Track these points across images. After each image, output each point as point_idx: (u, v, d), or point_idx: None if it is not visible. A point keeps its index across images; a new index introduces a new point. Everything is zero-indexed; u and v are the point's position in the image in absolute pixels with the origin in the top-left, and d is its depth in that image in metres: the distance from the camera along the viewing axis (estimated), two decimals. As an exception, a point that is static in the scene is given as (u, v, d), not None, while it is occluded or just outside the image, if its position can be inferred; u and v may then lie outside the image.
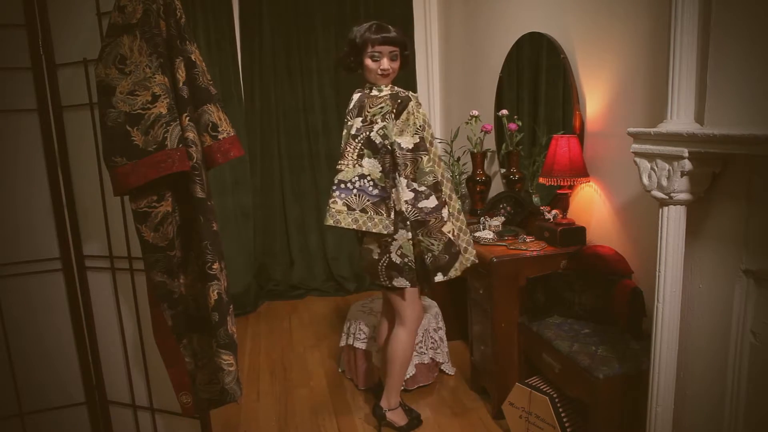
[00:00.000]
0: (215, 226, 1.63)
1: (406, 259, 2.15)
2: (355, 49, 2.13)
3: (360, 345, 2.72)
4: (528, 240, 2.56)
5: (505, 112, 2.98)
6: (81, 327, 1.98)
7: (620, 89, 2.22)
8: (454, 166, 3.35)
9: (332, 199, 2.08)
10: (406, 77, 4.23)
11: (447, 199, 2.15)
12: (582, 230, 2.44)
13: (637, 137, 1.60)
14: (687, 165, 1.44)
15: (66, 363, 2.00)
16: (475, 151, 3.20)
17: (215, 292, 1.62)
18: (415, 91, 4.30)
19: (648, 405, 1.64)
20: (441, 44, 4.29)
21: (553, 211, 2.52)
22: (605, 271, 2.14)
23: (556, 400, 2.05)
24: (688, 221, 1.55)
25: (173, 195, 1.65)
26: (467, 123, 3.20)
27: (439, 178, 2.12)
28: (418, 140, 2.07)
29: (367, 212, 2.08)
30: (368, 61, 2.11)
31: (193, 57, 1.62)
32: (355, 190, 2.07)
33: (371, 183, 2.07)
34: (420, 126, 2.09)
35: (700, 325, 1.58)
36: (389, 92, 2.11)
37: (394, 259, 2.15)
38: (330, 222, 2.09)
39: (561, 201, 2.51)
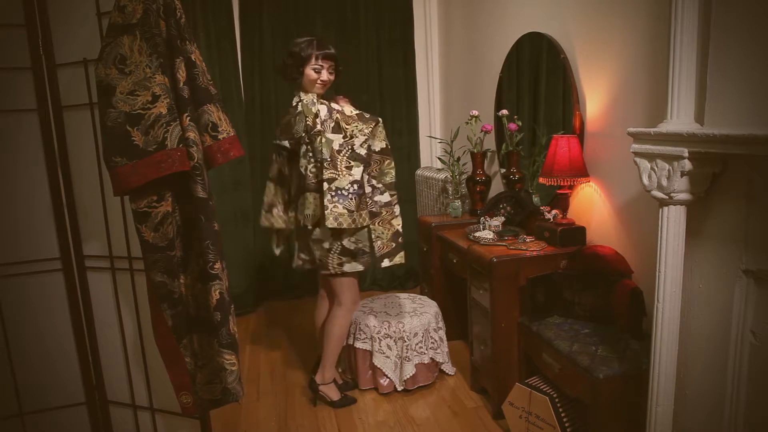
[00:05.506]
0: (216, 225, 1.64)
1: (360, 245, 2.43)
2: (299, 60, 2.41)
3: (360, 345, 2.72)
4: (528, 240, 2.56)
5: (505, 112, 2.98)
6: (81, 327, 1.98)
7: (620, 89, 2.23)
8: (454, 166, 3.35)
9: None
10: (406, 78, 4.24)
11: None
12: (582, 230, 2.44)
13: (637, 137, 1.60)
14: (687, 165, 1.45)
15: (66, 363, 2.00)
16: (475, 151, 3.20)
17: (217, 292, 1.62)
18: (415, 90, 4.32)
19: (648, 405, 1.64)
20: (441, 44, 4.28)
21: (553, 211, 2.52)
22: (605, 271, 2.14)
23: (556, 400, 2.05)
24: (688, 221, 1.55)
25: (173, 195, 1.65)
26: (467, 123, 3.20)
27: (395, 180, 2.48)
28: (384, 146, 2.45)
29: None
30: (310, 72, 2.42)
31: (193, 57, 1.62)
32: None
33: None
34: (385, 138, 2.46)
35: (700, 325, 1.58)
36: (356, 112, 2.42)
37: (347, 246, 2.42)
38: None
39: (561, 201, 2.51)
